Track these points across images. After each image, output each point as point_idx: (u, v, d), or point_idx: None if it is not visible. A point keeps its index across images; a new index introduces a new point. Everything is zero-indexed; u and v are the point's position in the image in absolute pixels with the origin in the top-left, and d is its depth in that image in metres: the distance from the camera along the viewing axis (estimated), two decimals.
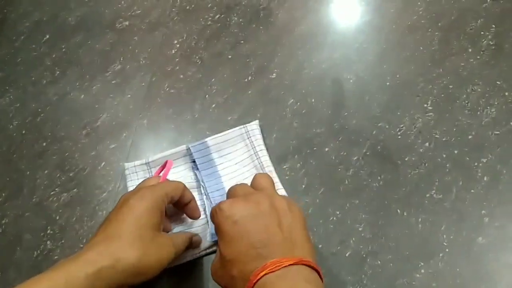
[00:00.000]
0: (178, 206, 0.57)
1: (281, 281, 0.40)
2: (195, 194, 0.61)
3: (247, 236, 0.43)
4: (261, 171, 0.61)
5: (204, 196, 0.61)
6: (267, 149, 0.63)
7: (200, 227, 0.59)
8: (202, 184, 0.62)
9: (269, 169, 0.61)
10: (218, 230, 0.46)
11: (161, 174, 0.59)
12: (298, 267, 0.41)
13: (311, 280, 0.41)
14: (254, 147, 0.63)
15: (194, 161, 0.63)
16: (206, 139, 0.64)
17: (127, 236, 0.46)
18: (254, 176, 0.52)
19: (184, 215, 0.59)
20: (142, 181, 0.56)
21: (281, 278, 0.40)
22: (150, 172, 0.64)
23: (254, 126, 0.65)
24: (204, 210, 0.60)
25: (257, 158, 0.62)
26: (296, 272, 0.41)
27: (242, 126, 0.65)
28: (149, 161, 0.64)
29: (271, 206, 0.46)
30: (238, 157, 0.64)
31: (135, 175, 0.64)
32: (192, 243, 0.56)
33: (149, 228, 0.48)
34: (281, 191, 0.59)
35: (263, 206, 0.46)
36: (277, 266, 0.41)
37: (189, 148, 0.64)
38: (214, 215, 0.47)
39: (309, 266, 0.42)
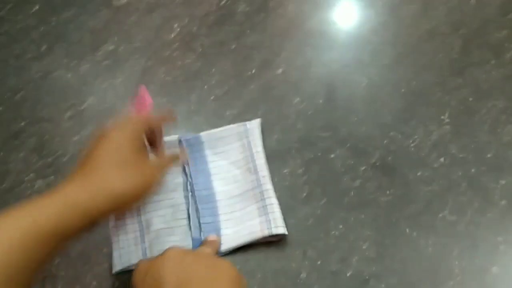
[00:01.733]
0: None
1: None
2: (180, 190, 0.57)
3: None
4: (254, 175, 0.56)
5: (190, 194, 0.57)
6: (265, 152, 0.58)
7: (181, 228, 0.55)
8: (190, 180, 0.57)
9: (263, 173, 0.56)
10: None
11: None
12: None
13: None
14: (251, 148, 0.58)
15: None
16: (201, 134, 0.59)
17: (108, 164, 0.43)
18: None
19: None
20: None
21: None
22: None
23: (254, 125, 0.59)
24: (187, 209, 0.56)
25: (251, 161, 0.57)
26: None
27: (241, 124, 0.60)
28: None
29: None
30: (233, 157, 0.59)
31: None
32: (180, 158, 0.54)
33: (131, 152, 0.45)
34: (273, 199, 0.54)
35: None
36: None
37: (181, 140, 0.59)
38: None
39: None
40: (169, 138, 0.58)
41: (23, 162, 0.61)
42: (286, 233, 0.52)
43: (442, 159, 0.57)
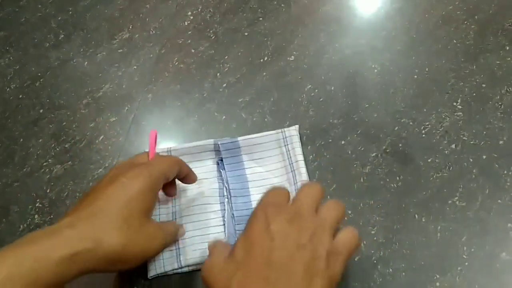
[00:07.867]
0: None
1: None
2: (216, 196, 0.55)
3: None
4: (293, 186, 0.55)
5: (226, 200, 0.55)
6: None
7: (216, 235, 0.53)
8: (226, 185, 0.56)
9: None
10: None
11: (147, 150, 0.52)
12: None
13: None
14: (290, 157, 0.56)
15: (221, 159, 0.57)
16: (238, 138, 0.57)
17: (114, 217, 0.41)
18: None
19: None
20: (133, 157, 0.50)
21: None
22: None
23: (293, 132, 0.58)
24: (223, 216, 0.54)
25: (292, 171, 0.56)
26: None
27: (279, 131, 0.58)
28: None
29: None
30: (271, 164, 0.57)
31: None
32: (178, 235, 0.51)
33: (140, 213, 0.43)
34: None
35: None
36: None
37: (217, 144, 0.57)
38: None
39: None
40: (204, 142, 0.57)
41: (42, 148, 0.62)
42: None
43: (453, 146, 0.56)
